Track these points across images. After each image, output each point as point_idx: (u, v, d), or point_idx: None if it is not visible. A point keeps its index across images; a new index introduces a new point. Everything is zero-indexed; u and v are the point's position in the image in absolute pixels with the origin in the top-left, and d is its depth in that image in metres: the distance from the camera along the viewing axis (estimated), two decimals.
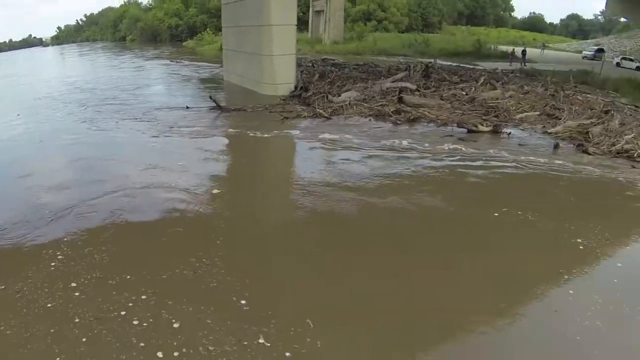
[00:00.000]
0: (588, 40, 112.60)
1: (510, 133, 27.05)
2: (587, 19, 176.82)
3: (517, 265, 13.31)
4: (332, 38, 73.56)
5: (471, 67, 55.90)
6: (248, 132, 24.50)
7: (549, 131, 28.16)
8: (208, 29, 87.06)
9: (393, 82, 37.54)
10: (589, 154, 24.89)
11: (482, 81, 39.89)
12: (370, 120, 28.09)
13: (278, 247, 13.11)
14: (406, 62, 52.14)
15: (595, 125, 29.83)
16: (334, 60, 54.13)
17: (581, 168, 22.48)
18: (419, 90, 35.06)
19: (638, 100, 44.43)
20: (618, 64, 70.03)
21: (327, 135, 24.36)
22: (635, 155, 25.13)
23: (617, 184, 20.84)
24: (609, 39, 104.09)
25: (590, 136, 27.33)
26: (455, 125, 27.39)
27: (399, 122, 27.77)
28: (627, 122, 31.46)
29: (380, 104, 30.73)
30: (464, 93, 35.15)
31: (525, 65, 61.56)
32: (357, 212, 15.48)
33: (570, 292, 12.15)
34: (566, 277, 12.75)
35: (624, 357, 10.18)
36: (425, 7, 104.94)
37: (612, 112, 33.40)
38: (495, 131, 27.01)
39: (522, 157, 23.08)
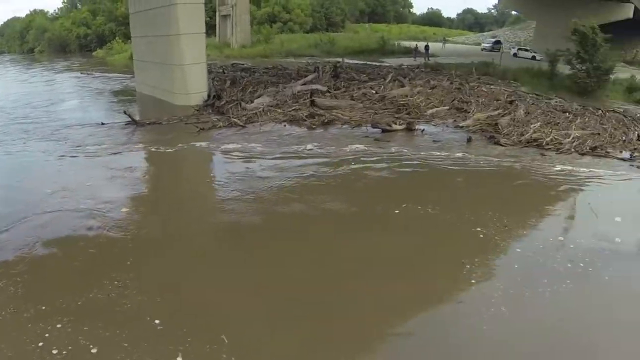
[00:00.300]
0: (485, 33, 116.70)
1: (423, 130, 27.89)
2: (482, 13, 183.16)
3: (419, 260, 13.81)
4: (240, 42, 73.23)
5: (377, 64, 56.75)
6: (160, 147, 23.84)
7: (460, 125, 29.22)
8: (117, 38, 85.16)
9: (304, 84, 37.88)
10: (501, 145, 26.00)
11: (390, 78, 40.77)
12: (285, 125, 28.07)
13: (187, 263, 12.99)
14: (314, 62, 52.41)
15: (502, 116, 31.14)
16: (243, 64, 53.98)
17: (483, 159, 23.42)
18: (329, 92, 35.67)
19: (537, 88, 46.44)
20: (515, 55, 72.57)
21: (236, 146, 24.00)
22: (544, 143, 26.51)
23: (517, 172, 22.01)
24: (504, 30, 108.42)
25: (500, 127, 28.53)
26: (370, 125, 27.96)
27: (313, 126, 27.68)
28: (531, 111, 33.04)
29: (293, 108, 31.03)
30: (374, 92, 35.96)
31: (429, 59, 63.21)
32: (263, 223, 15.62)
33: (473, 281, 12.66)
34: (468, 266, 13.25)
35: (531, 340, 10.69)
36: (328, 7, 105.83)
37: (517, 102, 34.98)
38: (409, 129, 27.82)
39: (436, 153, 23.89)
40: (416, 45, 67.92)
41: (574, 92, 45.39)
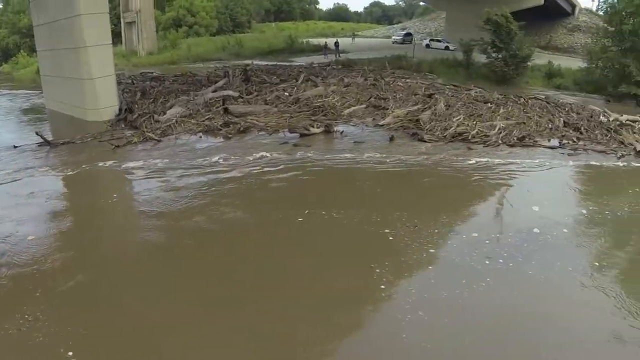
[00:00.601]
0: (394, 25, 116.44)
1: (342, 132, 26.89)
2: (390, 5, 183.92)
3: (323, 269, 13.16)
4: (147, 49, 70.77)
5: (288, 64, 55.63)
6: (68, 169, 22.24)
7: (380, 124, 28.33)
8: (22, 51, 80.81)
9: (215, 91, 36.44)
10: (425, 141, 25.24)
11: (302, 79, 39.60)
12: (200, 137, 26.63)
13: (94, 290, 12.40)
14: (223, 67, 50.96)
15: (423, 111, 30.38)
16: (152, 73, 51.68)
17: (398, 158, 22.88)
18: (242, 97, 34.13)
19: (454, 79, 46.20)
20: (428, 46, 72.76)
21: (145, 162, 22.54)
22: (469, 137, 25.69)
23: (429, 170, 21.55)
24: (414, 22, 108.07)
25: (422, 123, 27.71)
26: (287, 131, 26.80)
27: (229, 135, 26.85)
28: (452, 104, 32.34)
29: (207, 117, 29.40)
30: (287, 94, 34.67)
31: (339, 56, 62.36)
32: (167, 240, 15.11)
33: (382, 287, 12.11)
34: (378, 271, 12.73)
35: (453, 343, 10.26)
36: (233, 8, 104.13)
37: (436, 95, 34.24)
38: (328, 131, 26.75)
39: (348, 155, 23.21)
40: (325, 42, 66.79)
41: (493, 81, 45.58)
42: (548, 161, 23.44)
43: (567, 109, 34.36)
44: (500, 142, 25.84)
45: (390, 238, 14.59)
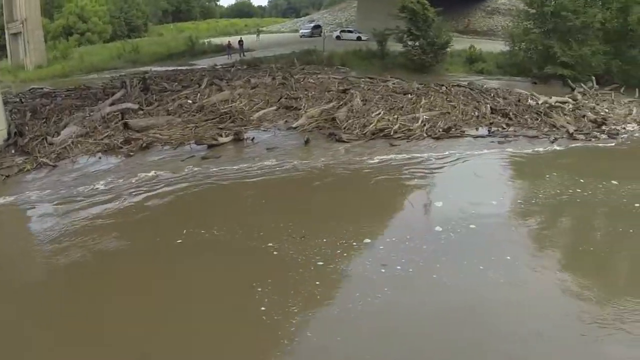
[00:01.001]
0: (302, 18, 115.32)
1: (253, 138, 25.41)
2: None
3: (201, 292, 12.24)
4: (35, 62, 66.79)
5: (189, 68, 53.63)
6: None
7: (293, 126, 26.90)
8: None
9: (112, 104, 34.30)
10: (344, 141, 23.92)
11: (205, 83, 37.66)
12: (100, 158, 24.77)
13: None
14: (120, 76, 48.71)
15: (338, 108, 29.13)
16: (42, 89, 48.75)
17: (292, 164, 21.77)
18: (142, 109, 31.98)
19: (369, 71, 45.39)
20: (338, 37, 72.03)
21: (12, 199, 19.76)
22: (392, 132, 24.46)
23: (325, 173, 20.67)
24: (322, 13, 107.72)
25: (338, 121, 26.47)
26: (194, 143, 24.99)
27: (131, 153, 24.66)
28: (369, 98, 31.25)
29: (105, 135, 27.33)
30: (190, 101, 32.80)
31: (244, 55, 60.84)
32: (48, 279, 13.92)
33: (263, 308, 11.26)
34: (259, 290, 11.92)
35: None
36: (128, 11, 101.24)
37: (351, 90, 32.94)
38: (238, 139, 25.14)
39: (243, 165, 21.81)
40: (228, 41, 64.73)
41: (411, 70, 45.29)
42: (471, 151, 23.07)
43: (492, 95, 34.14)
44: (425, 135, 24.97)
45: (275, 253, 13.80)
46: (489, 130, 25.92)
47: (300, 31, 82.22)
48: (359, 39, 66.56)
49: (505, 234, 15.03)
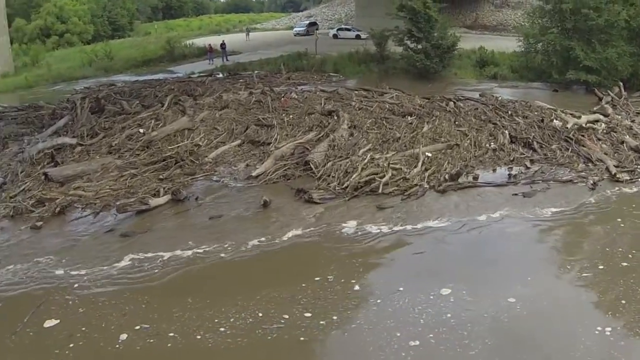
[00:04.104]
0: (300, 13, 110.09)
1: (197, 198, 19.92)
2: None
3: None
4: (1, 70, 62.03)
5: (161, 78, 48.36)
6: None
7: (253, 174, 21.35)
8: None
9: (53, 134, 29.04)
10: (316, 202, 18.45)
11: (168, 102, 32.03)
12: (2, 229, 19.25)
13: None
14: (75, 93, 43.54)
15: (317, 140, 23.88)
16: None
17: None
18: (81, 144, 26.49)
19: (366, 78, 41.48)
20: (336, 36, 67.95)
21: None
22: (381, 185, 19.10)
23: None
24: (321, 8, 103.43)
25: (313, 167, 20.81)
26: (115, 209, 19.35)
27: (39, 223, 18.86)
28: (359, 124, 26.22)
29: (21, 189, 21.86)
30: (142, 131, 27.29)
31: (227, 60, 56.26)
32: None
33: None
34: None
35: None
36: (112, 9, 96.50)
37: (338, 112, 27.35)
38: (177, 199, 19.61)
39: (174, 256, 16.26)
40: (209, 45, 59.34)
41: (414, 77, 41.22)
42: (485, 213, 18.10)
43: (510, 112, 28.96)
44: (426, 186, 19.35)
45: None
46: (509, 175, 20.47)
47: (295, 29, 77.54)
48: (357, 37, 62.32)
49: None
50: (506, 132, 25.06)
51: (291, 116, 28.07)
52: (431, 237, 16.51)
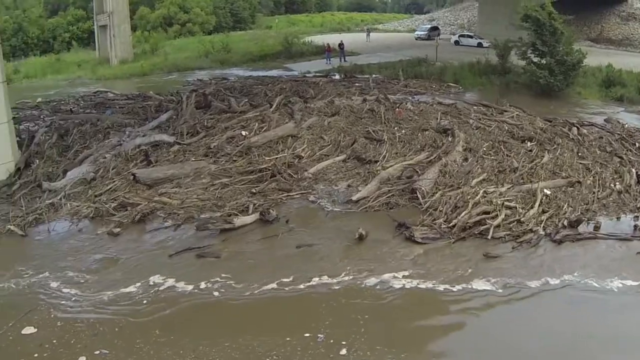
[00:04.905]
0: (422, 16, 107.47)
1: (288, 221, 18.08)
2: None
3: None
4: (121, 56, 62.75)
5: (276, 76, 47.45)
6: None
7: (353, 199, 19.33)
8: None
9: (154, 128, 28.26)
10: (417, 242, 16.28)
11: (277, 103, 30.54)
12: (80, 230, 18.41)
13: None
14: (185, 86, 43.55)
15: (429, 163, 21.80)
16: (107, 92, 43.16)
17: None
18: (178, 142, 25.53)
19: (486, 91, 38.84)
20: (457, 42, 65.26)
21: None
22: (490, 230, 16.69)
23: None
24: (444, 12, 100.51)
25: (420, 196, 18.72)
26: (195, 226, 17.81)
27: (117, 229, 17.85)
28: (475, 147, 23.81)
29: (108, 187, 21.02)
30: (245, 134, 25.78)
31: (345, 60, 54.58)
32: None
33: None
34: None
35: None
36: (234, 2, 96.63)
37: (454, 130, 25.28)
38: (265, 219, 17.90)
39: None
40: (327, 44, 57.87)
41: (536, 94, 38.03)
42: (603, 279, 14.89)
43: (637, 144, 25.66)
44: (542, 232, 16.91)
45: None
46: (635, 226, 17.70)
47: (416, 32, 75.24)
48: (479, 45, 59.55)
49: None
50: (633, 170, 21.96)
51: (403, 131, 25.85)
52: (534, 304, 13.92)
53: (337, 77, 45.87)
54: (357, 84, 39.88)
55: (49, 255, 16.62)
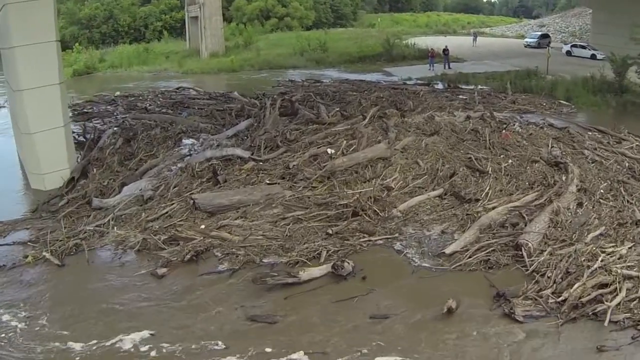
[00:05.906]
0: (531, 21, 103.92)
1: (365, 277, 14.97)
2: None
3: None
4: (212, 49, 61.94)
5: (374, 81, 45.10)
6: None
7: (446, 252, 16.00)
8: (77, 44, 72.91)
9: (229, 138, 26.50)
10: (517, 320, 12.93)
11: (371, 116, 28.04)
12: (123, 263, 16.19)
13: None
14: (274, 88, 41.86)
15: (538, 206, 18.47)
16: (190, 90, 41.54)
17: None
18: (254, 159, 22.98)
19: (601, 112, 34.90)
20: (569, 53, 61.49)
21: None
22: (608, 312, 12.90)
23: None
24: (554, 18, 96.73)
25: (525, 254, 15.47)
26: (252, 278, 14.77)
27: (161, 271, 15.32)
28: (591, 188, 20.12)
29: (164, 211, 18.65)
30: (331, 152, 23.04)
31: (449, 67, 51.79)
32: None
33: None
34: None
35: None
36: None
37: (567, 164, 21.83)
38: (338, 274, 14.92)
39: None
40: (431, 49, 55.07)
41: None
42: None
43: None
44: None
45: None
46: None
47: (526, 39, 72.60)
48: (593, 57, 55.99)
49: None
50: None
51: (510, 161, 22.44)
52: None
53: (440, 86, 43.28)
54: (460, 96, 37.20)
55: (74, 301, 14.11)
